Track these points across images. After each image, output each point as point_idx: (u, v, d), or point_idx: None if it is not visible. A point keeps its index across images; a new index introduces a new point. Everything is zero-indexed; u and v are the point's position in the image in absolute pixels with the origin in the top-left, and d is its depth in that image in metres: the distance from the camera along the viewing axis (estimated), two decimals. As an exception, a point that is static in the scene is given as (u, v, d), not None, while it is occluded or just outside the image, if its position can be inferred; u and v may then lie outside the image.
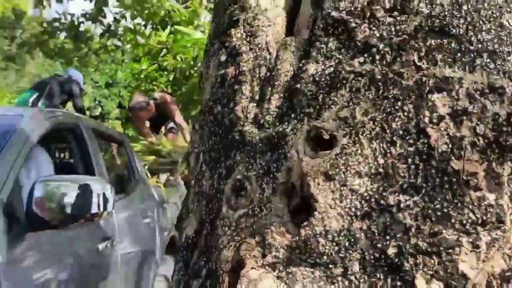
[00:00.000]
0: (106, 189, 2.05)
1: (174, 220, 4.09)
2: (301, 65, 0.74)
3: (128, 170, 3.81)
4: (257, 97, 0.78)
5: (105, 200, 2.04)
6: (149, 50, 5.52)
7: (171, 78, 8.22)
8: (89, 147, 2.79)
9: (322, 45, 0.73)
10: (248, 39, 0.80)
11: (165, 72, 8.12)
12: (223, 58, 0.82)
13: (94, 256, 2.34)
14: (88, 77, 20.58)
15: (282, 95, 0.75)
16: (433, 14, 0.69)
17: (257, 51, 0.80)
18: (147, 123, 5.51)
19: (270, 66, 0.79)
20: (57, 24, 8.49)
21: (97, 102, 21.71)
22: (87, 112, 20.88)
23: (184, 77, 8.07)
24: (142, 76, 7.52)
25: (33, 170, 2.47)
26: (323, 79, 0.71)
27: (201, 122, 0.85)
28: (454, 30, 0.68)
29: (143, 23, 7.43)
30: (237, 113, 0.76)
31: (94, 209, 1.98)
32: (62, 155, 3.92)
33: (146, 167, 4.59)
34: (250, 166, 0.70)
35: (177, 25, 5.23)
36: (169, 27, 5.48)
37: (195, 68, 6.79)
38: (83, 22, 8.77)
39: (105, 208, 2.02)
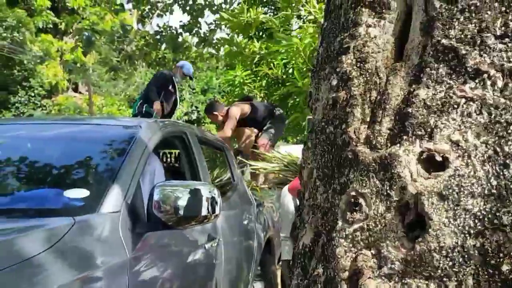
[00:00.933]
0: (214, 193, 2.21)
1: (270, 221, 4.25)
2: (411, 89, 0.79)
3: (228, 174, 4.02)
4: (368, 119, 0.84)
5: (214, 204, 2.20)
6: (243, 60, 5.74)
7: (263, 84, 8.46)
8: (194, 153, 3.01)
9: (432, 71, 0.77)
10: (358, 65, 0.86)
11: (258, 78, 8.37)
12: (334, 82, 0.89)
13: (202, 255, 2.53)
14: (186, 84, 21.95)
15: (393, 117, 0.80)
16: (546, 39, 0.70)
17: (367, 76, 0.85)
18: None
19: (381, 90, 0.84)
20: (158, 36, 9.12)
21: (194, 107, 22.98)
22: (185, 117, 22.19)
23: (276, 82, 8.25)
24: (236, 82, 7.83)
25: (149, 175, 2.74)
26: (434, 104, 0.75)
27: (313, 140, 0.93)
28: None
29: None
30: (349, 134, 0.83)
31: (204, 212, 2.15)
32: (170, 159, 4.26)
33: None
34: (364, 184, 0.77)
35: (270, 34, 5.39)
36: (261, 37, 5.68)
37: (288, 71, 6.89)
38: (181, 33, 9.31)
39: (213, 211, 2.18)
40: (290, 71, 5.96)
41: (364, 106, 0.84)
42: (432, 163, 0.73)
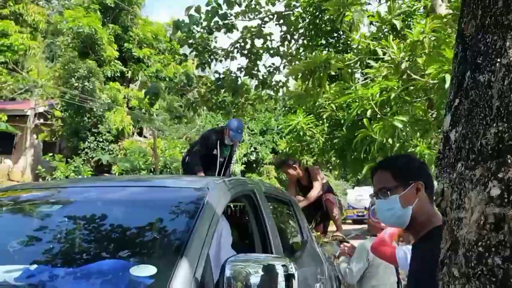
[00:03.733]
0: (291, 269, 1.98)
1: (341, 279, 3.93)
2: None
3: (297, 230, 3.80)
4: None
5: (290, 281, 1.96)
6: (309, 102, 5.54)
7: (325, 128, 8.25)
8: (263, 212, 2.83)
9: None
10: (535, 169, 0.62)
11: (320, 122, 8.18)
12: (495, 192, 0.65)
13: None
14: (245, 125, 22.19)
15: None
16: None
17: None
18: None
19: None
20: (219, 82, 9.23)
21: (253, 148, 23.10)
22: (244, 158, 22.31)
23: (338, 125, 8.01)
24: (298, 126, 7.69)
25: (216, 237, 2.56)
26: None
27: (459, 267, 0.67)
28: None
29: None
30: (538, 278, 0.58)
31: (279, 292, 1.91)
32: (236, 213, 4.10)
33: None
34: None
35: (342, 79, 5.21)
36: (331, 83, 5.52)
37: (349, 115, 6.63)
38: (240, 77, 9.42)
39: (290, 290, 1.94)
40: (352, 116, 5.66)
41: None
42: None
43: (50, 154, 18.48)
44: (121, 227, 2.24)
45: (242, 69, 9.14)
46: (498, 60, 0.68)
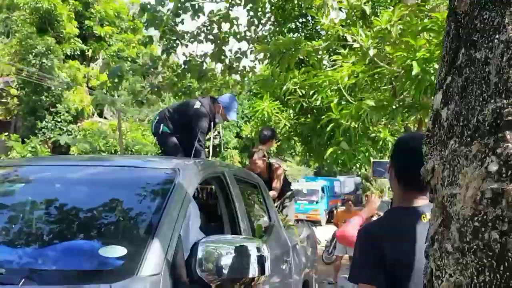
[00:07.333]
0: (263, 251, 1.98)
1: (305, 262, 3.99)
2: None
3: (264, 213, 3.82)
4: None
5: (263, 262, 1.96)
6: (275, 88, 5.51)
7: (291, 114, 8.26)
8: (232, 194, 2.82)
9: None
10: (533, 145, 0.62)
11: (286, 108, 8.17)
12: (493, 167, 0.65)
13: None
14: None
15: None
16: None
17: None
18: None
19: None
20: (185, 66, 9.03)
21: (217, 133, 22.97)
22: (208, 143, 22.16)
23: (304, 111, 8.05)
24: (264, 112, 7.64)
25: (186, 224, 2.53)
26: None
27: (453, 242, 0.68)
28: None
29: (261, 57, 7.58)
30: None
31: (251, 273, 1.91)
32: (203, 195, 4.06)
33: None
34: None
35: (311, 65, 5.21)
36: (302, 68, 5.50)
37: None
38: (205, 61, 9.25)
39: (262, 272, 1.94)
40: (319, 101, 5.65)
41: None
42: None
43: (5, 133, 17.70)
44: (89, 207, 2.16)
45: (207, 55, 8.97)
46: (496, 36, 0.69)
